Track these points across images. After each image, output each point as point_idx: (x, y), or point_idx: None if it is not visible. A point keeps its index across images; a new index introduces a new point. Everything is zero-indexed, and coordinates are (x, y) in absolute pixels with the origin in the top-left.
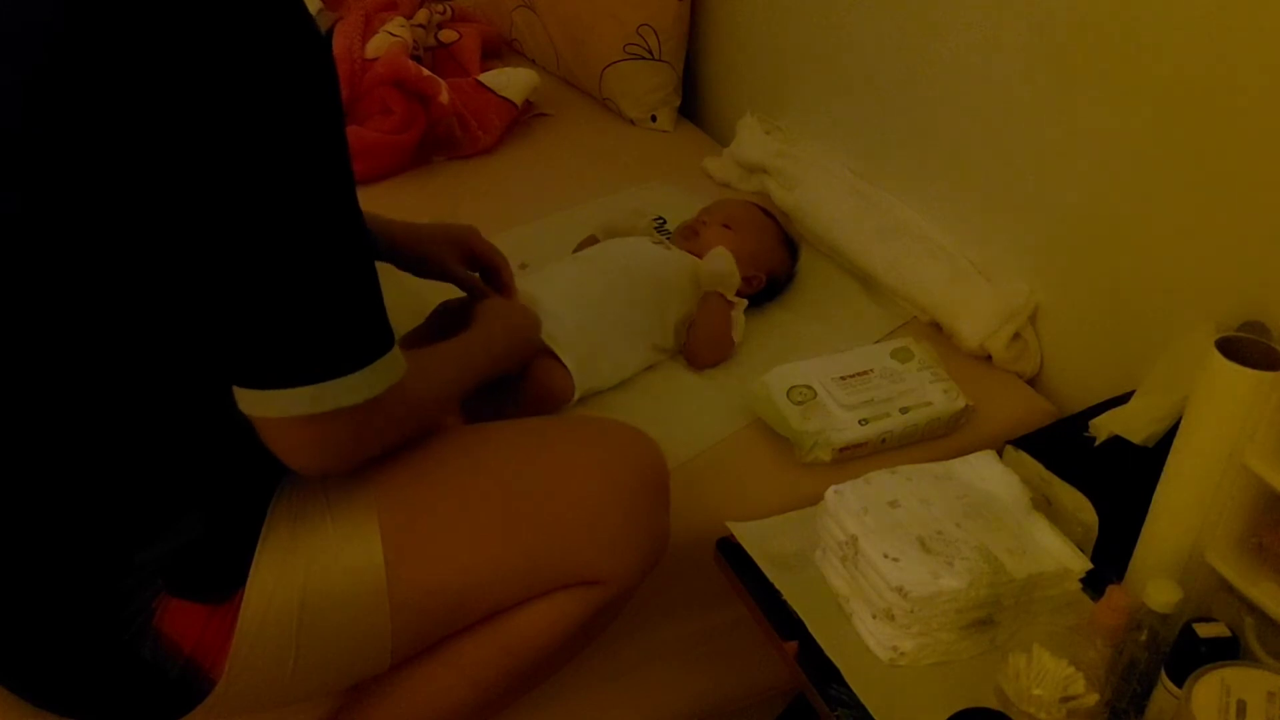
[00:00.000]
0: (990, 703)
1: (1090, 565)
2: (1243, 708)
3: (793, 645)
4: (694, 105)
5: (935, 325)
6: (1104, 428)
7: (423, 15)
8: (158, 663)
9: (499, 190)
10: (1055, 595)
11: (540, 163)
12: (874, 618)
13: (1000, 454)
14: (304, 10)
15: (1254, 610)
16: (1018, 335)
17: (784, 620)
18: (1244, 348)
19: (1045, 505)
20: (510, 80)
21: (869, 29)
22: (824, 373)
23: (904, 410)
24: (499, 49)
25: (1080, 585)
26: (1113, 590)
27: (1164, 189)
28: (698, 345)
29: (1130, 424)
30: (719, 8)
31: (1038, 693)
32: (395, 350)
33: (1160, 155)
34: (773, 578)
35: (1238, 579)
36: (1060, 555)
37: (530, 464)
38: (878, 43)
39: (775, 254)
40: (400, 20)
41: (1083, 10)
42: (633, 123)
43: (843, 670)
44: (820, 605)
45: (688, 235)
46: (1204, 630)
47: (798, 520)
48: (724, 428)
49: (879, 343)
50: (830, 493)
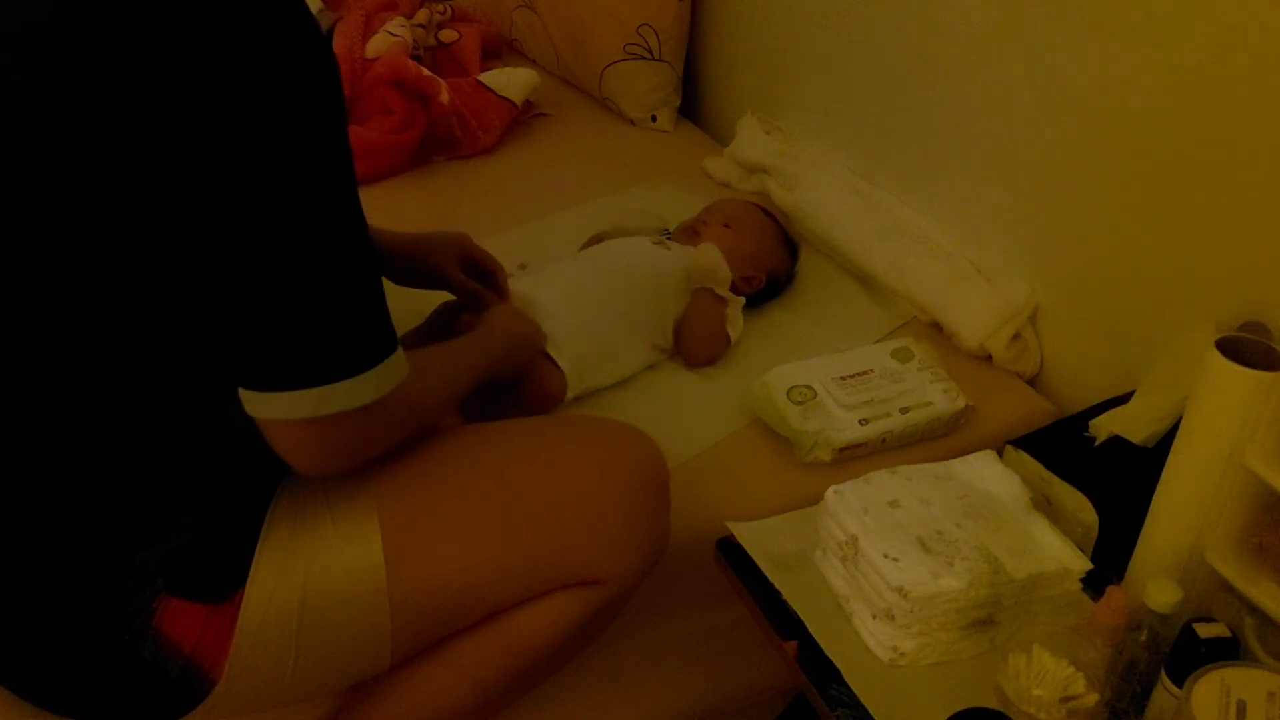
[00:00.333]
0: (990, 703)
1: (1090, 565)
2: (1243, 708)
3: (793, 645)
4: (694, 105)
5: (935, 325)
6: (1104, 428)
7: (423, 15)
8: (158, 663)
9: (499, 190)
10: (1055, 595)
11: (540, 163)
12: (874, 618)
13: (1000, 454)
14: (305, 10)
15: (1254, 610)
16: (1018, 335)
17: (784, 620)
18: (1244, 348)
19: (1045, 505)
20: (510, 80)
21: (869, 29)
22: (824, 373)
23: (904, 410)
24: (499, 49)
25: (1080, 585)
26: (1113, 590)
27: (1164, 189)
28: (689, 340)
29: (1130, 424)
30: (719, 8)
31: (1038, 693)
32: (399, 353)
33: (1160, 155)
34: (773, 578)
35: (1238, 579)
36: (1060, 555)
37: (530, 464)
38: (878, 42)
39: (775, 254)
40: (400, 20)
41: (1083, 12)
42: (633, 123)
43: (843, 670)
44: (820, 605)
45: (688, 235)
46: (1204, 630)
47: (798, 520)
48: (724, 428)
49: (879, 343)
50: (830, 493)
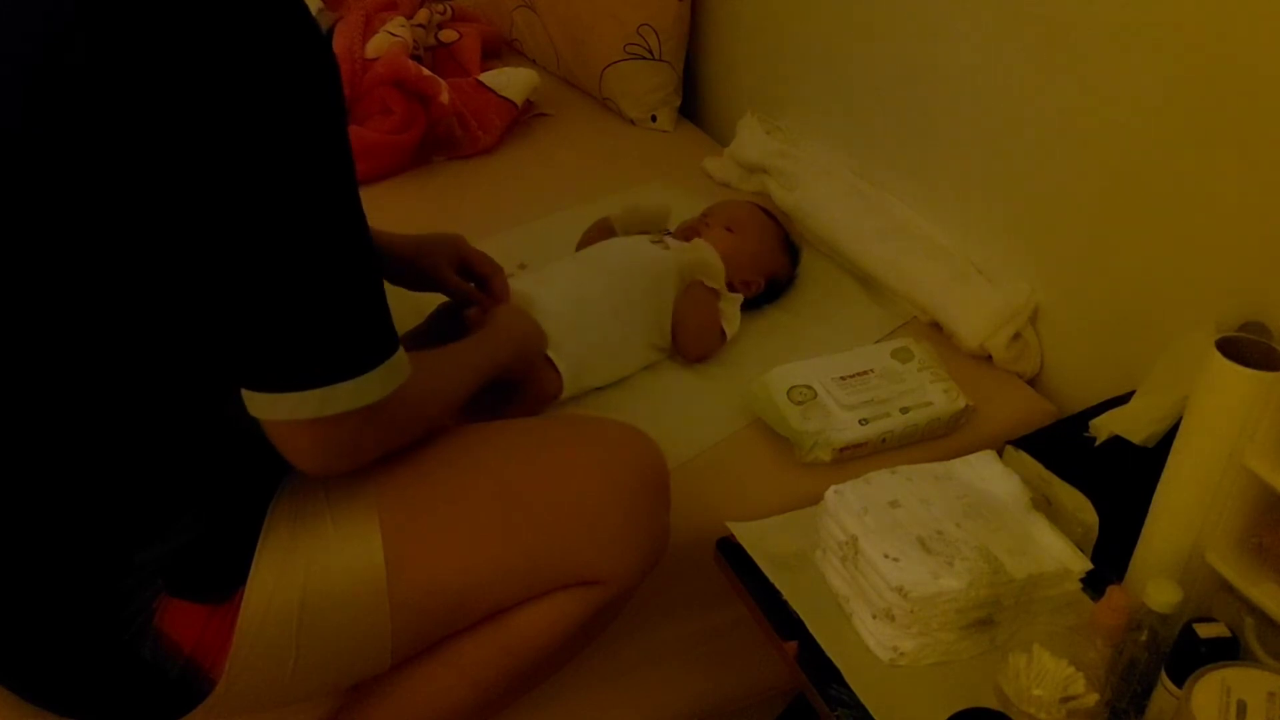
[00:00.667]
0: (990, 703)
1: (1090, 565)
2: (1243, 708)
3: (793, 645)
4: (694, 105)
5: (935, 325)
6: (1104, 428)
7: (423, 15)
8: (158, 663)
9: (499, 190)
10: (1055, 595)
11: (540, 163)
12: (874, 618)
13: (1000, 454)
14: (305, 10)
15: (1254, 610)
16: (1018, 335)
17: (784, 620)
18: (1244, 348)
19: (1045, 505)
20: (510, 80)
21: (869, 29)
22: (824, 373)
23: (904, 410)
24: (499, 49)
25: (1080, 585)
26: (1113, 590)
27: (1164, 189)
28: (680, 333)
29: (1130, 424)
30: (719, 8)
31: (1038, 693)
32: (400, 353)
33: (1161, 155)
34: (773, 578)
35: (1238, 579)
36: (1060, 555)
37: (530, 464)
38: (878, 42)
39: (776, 258)
40: (400, 20)
41: (1083, 11)
42: (633, 123)
43: (843, 670)
44: (820, 605)
45: (689, 236)
46: (1204, 630)
47: (798, 520)
48: (724, 428)
49: (879, 343)
50: (830, 493)
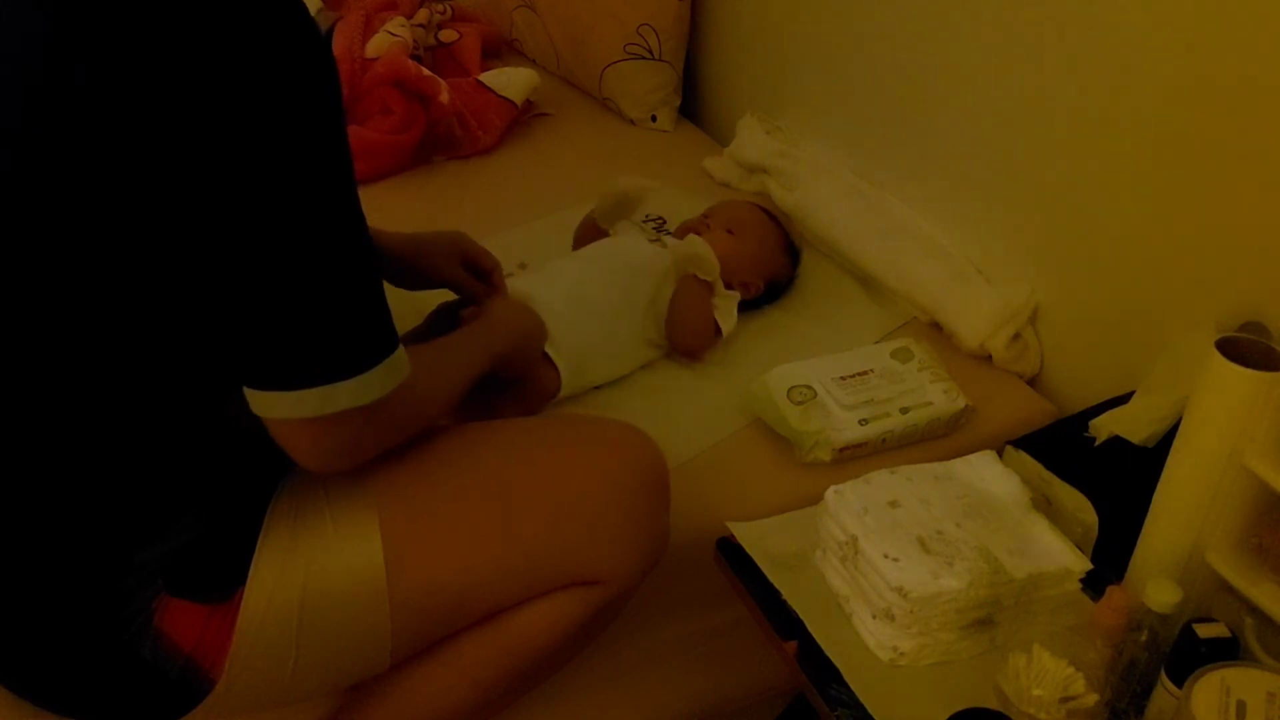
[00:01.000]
0: (990, 703)
1: (1090, 565)
2: (1243, 708)
3: (793, 645)
4: (694, 105)
5: (935, 325)
6: (1104, 428)
7: (423, 15)
8: (158, 663)
9: (499, 190)
10: (1055, 595)
11: (540, 163)
12: (874, 618)
13: (1000, 454)
14: (304, 10)
15: (1254, 610)
16: (1018, 335)
17: (784, 620)
18: (1244, 348)
19: (1045, 505)
20: (510, 80)
21: (870, 29)
22: (824, 373)
23: (904, 410)
24: (499, 49)
25: (1080, 585)
26: (1113, 590)
27: (1164, 189)
28: (671, 326)
29: (1130, 424)
30: (719, 8)
31: (1038, 693)
32: (400, 352)
33: (1161, 155)
34: (773, 578)
35: (1238, 579)
36: (1060, 555)
37: (530, 464)
38: (878, 42)
39: (776, 260)
40: (400, 20)
41: (1084, 12)
42: (633, 123)
43: (843, 670)
44: (820, 605)
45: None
46: (1204, 630)
47: (798, 520)
48: (724, 428)
49: (879, 343)
50: (830, 493)
